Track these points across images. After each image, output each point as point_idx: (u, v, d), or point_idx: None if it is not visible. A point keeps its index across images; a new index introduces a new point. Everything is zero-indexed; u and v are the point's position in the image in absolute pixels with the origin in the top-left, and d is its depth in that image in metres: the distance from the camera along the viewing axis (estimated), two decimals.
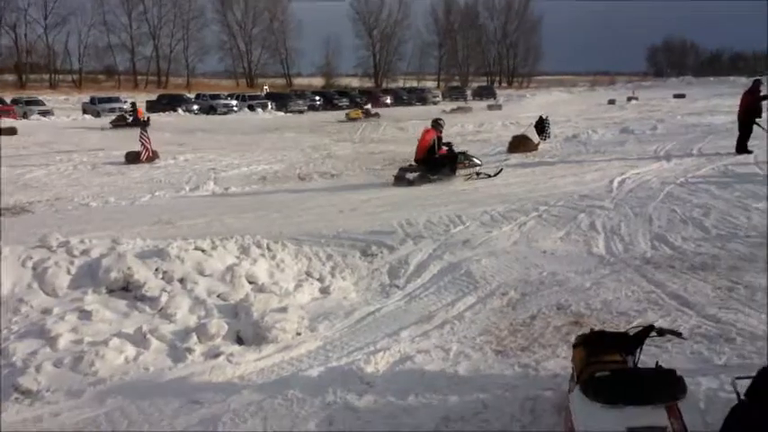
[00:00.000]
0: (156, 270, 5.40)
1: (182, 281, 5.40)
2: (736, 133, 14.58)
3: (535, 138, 16.77)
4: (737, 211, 8.90)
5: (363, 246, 7.23)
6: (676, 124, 22.66)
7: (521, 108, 37.94)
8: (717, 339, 5.05)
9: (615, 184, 10.94)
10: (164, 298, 5.14)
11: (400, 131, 26.37)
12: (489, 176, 12.63)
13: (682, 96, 41.95)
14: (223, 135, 26.57)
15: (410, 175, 12.22)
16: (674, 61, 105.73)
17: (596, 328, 5.51)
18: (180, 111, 36.64)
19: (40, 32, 70.61)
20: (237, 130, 29.39)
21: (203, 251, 5.88)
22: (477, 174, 12.71)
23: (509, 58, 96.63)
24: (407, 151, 19.10)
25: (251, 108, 39.90)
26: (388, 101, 50.32)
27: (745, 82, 48.87)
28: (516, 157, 15.49)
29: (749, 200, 9.55)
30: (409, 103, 50.50)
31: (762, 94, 14.79)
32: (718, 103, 34.67)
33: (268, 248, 6.32)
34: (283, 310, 5.32)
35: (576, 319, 5.61)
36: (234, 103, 40.89)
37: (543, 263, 6.93)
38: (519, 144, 16.02)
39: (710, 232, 7.99)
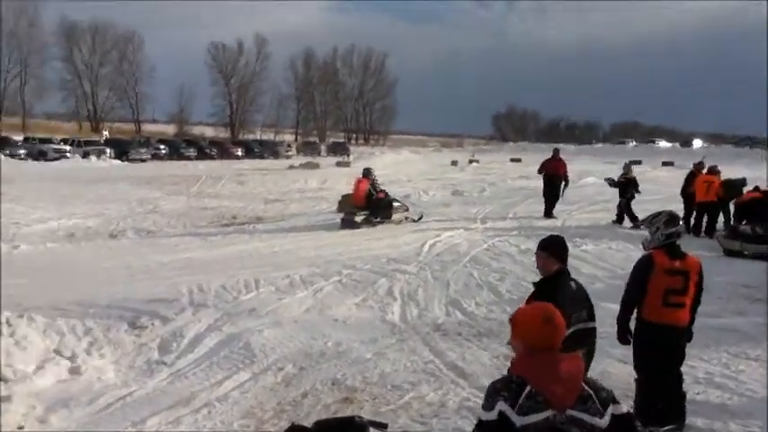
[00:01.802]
0: None
1: None
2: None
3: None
4: (532, 276, 9.22)
5: (133, 316, 6.59)
6: (503, 187, 24.05)
7: (369, 165, 38.68)
8: None
9: (426, 247, 11.12)
10: None
11: (240, 186, 25.70)
12: (415, 221, 14.46)
13: (518, 160, 44.99)
14: (47, 183, 24.44)
15: (357, 218, 13.71)
16: (517, 127, 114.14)
17: (367, 404, 5.35)
18: (1, 155, 33.34)
19: None
20: (65, 178, 27.21)
21: None
22: (406, 218, 14.53)
23: (365, 115, 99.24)
24: (239, 207, 18.61)
25: (85, 155, 37.20)
26: (239, 153, 49.36)
27: (573, 149, 53.67)
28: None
29: None
30: (261, 156, 49.79)
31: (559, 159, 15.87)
32: None
33: (7, 323, 5.52)
34: (7, 399, 4.58)
35: (349, 395, 5.38)
36: (67, 148, 37.90)
37: (331, 332, 6.70)
38: (346, 203, 16.03)
39: (503, 297, 8.24)
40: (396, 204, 14.64)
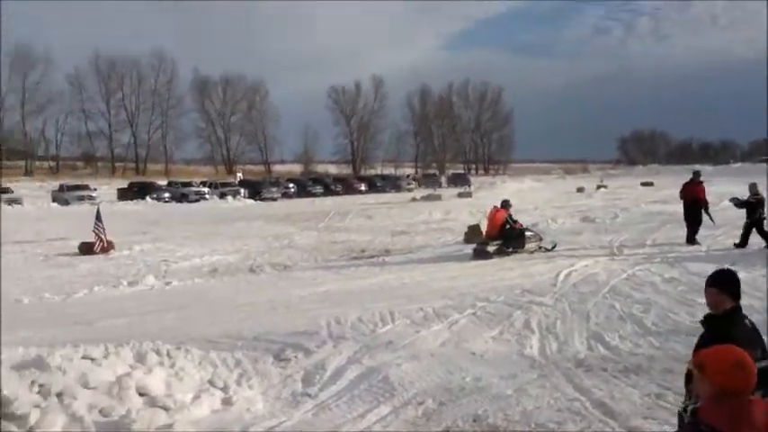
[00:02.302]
0: (32, 383, 4.97)
1: (59, 395, 4.97)
2: None
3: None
4: (679, 307, 8.67)
5: (278, 349, 6.83)
6: (638, 213, 22.83)
7: (491, 195, 38.24)
8: None
9: (561, 277, 10.72)
10: (34, 416, 4.69)
11: (367, 219, 26.31)
12: (548, 250, 14.17)
13: (650, 184, 42.76)
14: (189, 224, 26.29)
15: (490, 248, 13.72)
16: (645, 150, 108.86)
17: None
18: (148, 199, 36.43)
19: (17, 119, 71.07)
20: (205, 218, 29.19)
21: (92, 359, 5.47)
22: (540, 247, 14.32)
23: (483, 146, 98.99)
24: (367, 240, 19.00)
25: (222, 196, 39.86)
26: (363, 188, 50.75)
27: (710, 170, 50.18)
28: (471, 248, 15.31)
29: (693, 294, 9.34)
30: (383, 190, 50.89)
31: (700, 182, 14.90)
32: None
33: (168, 355, 5.91)
34: (169, 426, 4.88)
35: None
36: (206, 190, 40.85)
37: (469, 366, 6.57)
38: (474, 234, 15.93)
39: (650, 330, 7.73)
40: (528, 234, 14.38)
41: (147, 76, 75.43)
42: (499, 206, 14.58)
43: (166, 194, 39.85)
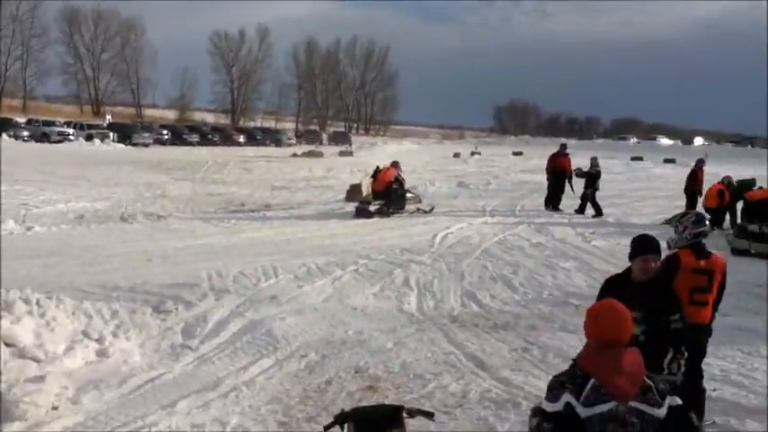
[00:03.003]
0: None
1: None
2: None
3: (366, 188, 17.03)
4: (544, 270, 9.38)
5: (157, 300, 6.65)
6: (509, 181, 24.07)
7: (372, 156, 38.61)
8: (504, 405, 5.09)
9: (438, 238, 11.19)
10: None
11: (246, 173, 25.72)
12: (426, 212, 14.58)
13: (520, 154, 45.01)
14: (52, 166, 24.41)
15: (372, 208, 13.86)
16: (518, 121, 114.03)
17: (390, 393, 5.43)
18: (5, 136, 33.20)
19: None
20: (70, 161, 27.18)
21: None
22: (418, 209, 14.74)
23: (366, 105, 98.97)
24: (246, 193, 18.65)
25: (89, 138, 37.12)
26: (242, 140, 49.36)
27: (576, 144, 53.61)
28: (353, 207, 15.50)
29: (557, 259, 10.13)
30: (263, 144, 49.76)
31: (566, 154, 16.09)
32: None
33: (37, 304, 5.58)
34: (40, 379, 4.65)
35: (372, 383, 5.45)
36: (70, 131, 37.80)
37: (351, 321, 6.78)
38: (355, 192, 16.12)
39: (518, 290, 8.32)
40: (409, 195, 14.79)
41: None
42: (388, 165, 14.91)
43: (25, 133, 36.39)
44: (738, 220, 12.75)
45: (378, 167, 15.16)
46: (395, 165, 14.94)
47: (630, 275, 3.71)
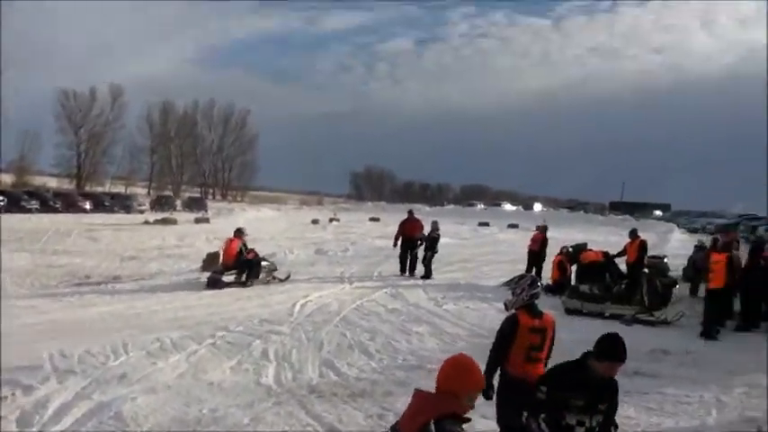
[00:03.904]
0: None
1: None
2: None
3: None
4: (399, 335, 9.75)
5: None
6: (365, 246, 24.67)
7: (228, 223, 37.95)
8: None
9: (297, 307, 11.26)
10: None
11: (92, 242, 24.26)
12: (282, 280, 14.59)
13: (377, 220, 46.34)
14: None
15: (225, 278, 13.65)
16: (375, 186, 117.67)
17: None
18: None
19: None
20: None
21: None
22: (274, 277, 14.65)
23: (224, 170, 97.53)
24: (92, 264, 17.62)
25: None
26: (88, 206, 46.44)
27: (428, 210, 56.20)
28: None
29: (411, 324, 10.57)
30: (111, 210, 47.15)
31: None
32: None
33: None
34: None
35: None
36: None
37: (207, 397, 6.63)
38: (212, 262, 15.82)
39: (374, 357, 8.57)
40: (264, 264, 14.67)
41: None
42: (233, 236, 14.74)
43: None
44: (572, 282, 13.99)
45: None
46: (238, 234, 14.73)
47: (589, 370, 3.79)
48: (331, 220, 44.17)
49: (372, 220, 46.35)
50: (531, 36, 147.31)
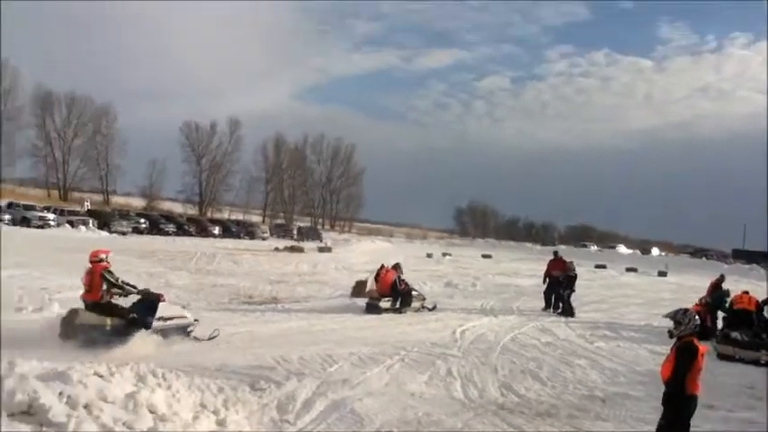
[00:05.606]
0: (60, 394, 5.23)
1: (86, 407, 5.27)
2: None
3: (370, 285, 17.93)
4: (563, 366, 10.40)
5: (251, 380, 7.41)
6: (490, 283, 25.34)
7: (350, 252, 39.76)
8: None
9: (457, 334, 12.18)
10: (71, 424, 4.99)
11: (235, 265, 26.36)
12: (430, 309, 15.80)
13: (489, 257, 46.80)
14: (45, 251, 24.60)
15: (382, 305, 14.93)
16: (477, 222, 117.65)
17: None
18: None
19: None
20: (63, 247, 27.33)
21: (101, 376, 5.78)
22: (423, 306, 15.92)
23: (332, 202, 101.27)
24: (248, 285, 19.31)
25: (71, 224, 37.36)
26: (216, 231, 49.95)
27: (540, 249, 55.86)
28: (361, 302, 16.32)
29: (570, 357, 11.20)
30: (237, 236, 50.44)
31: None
32: (518, 266, 39.11)
33: (163, 378, 6.32)
34: None
35: None
36: (51, 216, 37.96)
37: (415, 404, 7.60)
38: (360, 289, 17.09)
39: (546, 384, 9.28)
40: (414, 293, 15.71)
41: None
42: (389, 267, 15.99)
43: (6, 216, 36.29)
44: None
45: (381, 267, 16.18)
46: (396, 267, 16.11)
47: None
48: (444, 254, 45.03)
49: (485, 256, 46.80)
50: (633, 75, 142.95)
